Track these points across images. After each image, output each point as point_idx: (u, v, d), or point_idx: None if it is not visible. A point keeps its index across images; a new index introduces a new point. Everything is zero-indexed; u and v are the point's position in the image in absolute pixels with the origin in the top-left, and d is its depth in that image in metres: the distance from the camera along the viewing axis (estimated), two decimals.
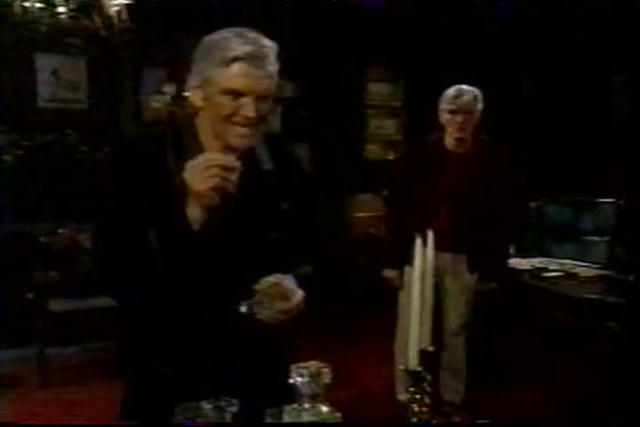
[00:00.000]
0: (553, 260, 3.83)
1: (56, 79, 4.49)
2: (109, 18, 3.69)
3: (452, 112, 3.08)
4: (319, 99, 5.51)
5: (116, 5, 3.70)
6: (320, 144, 5.60)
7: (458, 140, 3.12)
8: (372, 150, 5.86)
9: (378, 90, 5.87)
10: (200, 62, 1.44)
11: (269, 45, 1.43)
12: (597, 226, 3.91)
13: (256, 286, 1.39)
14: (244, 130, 1.42)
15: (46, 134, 4.39)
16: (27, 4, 3.49)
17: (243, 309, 1.39)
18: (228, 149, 1.45)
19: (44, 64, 4.44)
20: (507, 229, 3.24)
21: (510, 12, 4.88)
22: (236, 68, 1.38)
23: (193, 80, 1.46)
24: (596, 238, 3.85)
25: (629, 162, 4.60)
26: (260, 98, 1.41)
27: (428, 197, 3.13)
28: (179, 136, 1.50)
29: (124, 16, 3.72)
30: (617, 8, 4.35)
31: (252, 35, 1.42)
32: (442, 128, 3.17)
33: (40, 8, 3.52)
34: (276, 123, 5.55)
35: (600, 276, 3.41)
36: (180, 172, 1.37)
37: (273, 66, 1.42)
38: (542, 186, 4.57)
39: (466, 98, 3.07)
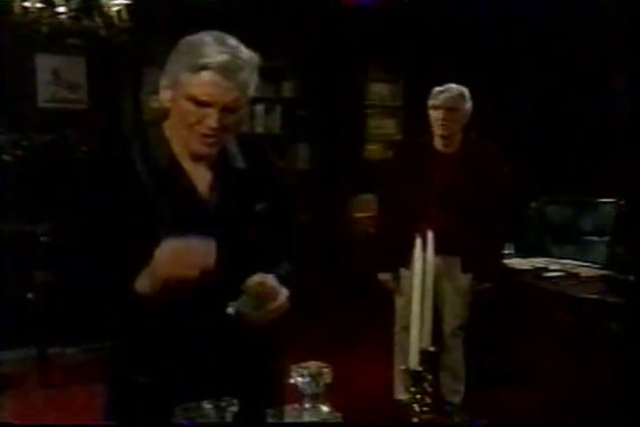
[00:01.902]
0: (553, 260, 3.82)
1: (56, 79, 4.49)
2: (109, 18, 3.70)
3: (435, 108, 3.07)
4: (319, 99, 5.51)
5: (116, 5, 3.71)
6: (320, 144, 5.60)
7: (443, 138, 3.10)
8: (372, 150, 5.86)
9: (378, 90, 5.87)
10: (173, 63, 1.41)
11: (246, 57, 1.38)
12: (597, 226, 3.90)
13: (242, 287, 1.38)
14: (207, 139, 1.40)
15: (46, 134, 4.39)
16: (27, 4, 3.50)
17: (230, 310, 1.37)
18: (193, 154, 1.45)
19: (44, 64, 4.44)
20: (498, 229, 3.22)
21: (510, 13, 4.88)
22: (203, 77, 1.34)
23: (164, 80, 1.43)
24: (596, 238, 3.84)
25: (629, 162, 4.60)
26: (226, 109, 1.37)
27: (419, 199, 3.10)
28: (146, 141, 1.47)
29: (124, 16, 3.73)
30: (616, 8, 4.35)
31: (233, 43, 1.38)
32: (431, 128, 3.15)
33: (40, 8, 3.52)
34: (276, 123, 5.56)
35: (600, 276, 3.40)
36: (149, 175, 1.38)
37: (246, 78, 1.38)
38: (542, 186, 4.57)
39: (449, 94, 3.05)
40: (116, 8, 3.71)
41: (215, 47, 1.35)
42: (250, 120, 5.42)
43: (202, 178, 1.48)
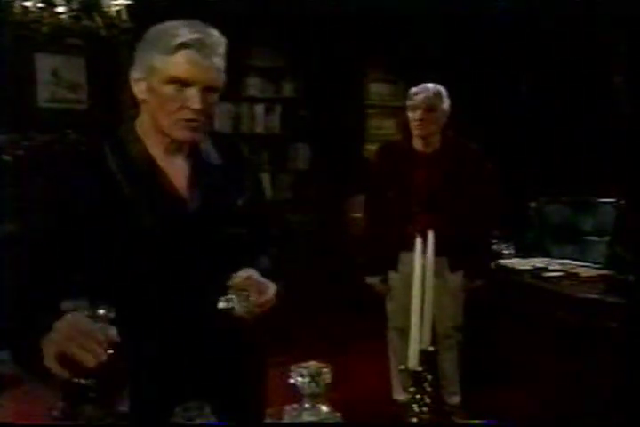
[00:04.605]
0: (553, 260, 3.82)
1: (56, 79, 4.49)
2: (109, 18, 3.70)
3: (412, 109, 3.06)
4: (319, 99, 5.51)
5: (116, 5, 3.71)
6: (320, 144, 5.60)
7: (422, 138, 3.08)
8: (372, 150, 5.85)
9: (378, 90, 5.87)
10: (144, 51, 1.42)
11: (217, 35, 1.41)
12: (597, 226, 3.90)
13: (230, 282, 1.39)
14: (190, 123, 1.40)
15: (46, 134, 4.39)
16: (27, 4, 3.50)
17: (221, 305, 1.38)
18: (175, 143, 1.44)
19: (44, 64, 4.44)
20: (484, 227, 3.21)
21: (510, 13, 4.88)
22: (182, 55, 1.36)
23: (136, 72, 1.43)
24: (596, 238, 3.84)
25: (629, 162, 4.60)
26: (207, 89, 1.39)
27: (403, 200, 3.08)
28: (118, 139, 1.47)
29: (124, 16, 3.73)
30: (616, 8, 4.35)
31: (201, 26, 1.41)
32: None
33: (41, 8, 3.52)
34: (275, 123, 5.56)
35: (600, 276, 3.40)
36: (124, 175, 1.39)
37: (220, 58, 1.40)
38: (542, 186, 4.57)
39: (425, 94, 3.03)
40: (115, 8, 3.71)
41: (187, 28, 1.38)
42: (250, 120, 5.42)
43: (179, 176, 1.47)
